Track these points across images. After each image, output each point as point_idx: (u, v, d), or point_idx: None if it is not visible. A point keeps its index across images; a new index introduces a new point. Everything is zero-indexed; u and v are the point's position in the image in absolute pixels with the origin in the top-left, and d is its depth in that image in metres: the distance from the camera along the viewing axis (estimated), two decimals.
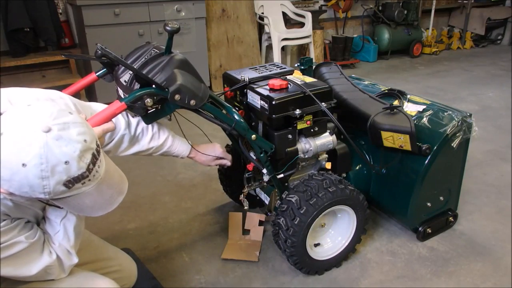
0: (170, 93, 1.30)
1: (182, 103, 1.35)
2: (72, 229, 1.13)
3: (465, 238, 2.11)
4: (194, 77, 1.40)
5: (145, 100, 1.25)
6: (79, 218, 1.14)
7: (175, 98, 1.32)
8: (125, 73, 1.41)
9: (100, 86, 3.89)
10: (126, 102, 1.22)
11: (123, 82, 1.38)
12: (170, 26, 1.31)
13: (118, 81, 1.42)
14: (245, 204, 1.95)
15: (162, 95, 1.30)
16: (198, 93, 1.38)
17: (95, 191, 0.94)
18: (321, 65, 2.30)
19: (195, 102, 1.38)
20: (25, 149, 0.82)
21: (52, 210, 1.12)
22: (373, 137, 1.85)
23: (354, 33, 6.22)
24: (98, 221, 2.29)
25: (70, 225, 1.12)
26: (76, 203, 0.95)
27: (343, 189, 1.73)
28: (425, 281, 1.83)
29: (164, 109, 1.41)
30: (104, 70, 1.52)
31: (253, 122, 1.83)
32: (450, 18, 7.18)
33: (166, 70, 1.34)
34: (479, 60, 6.04)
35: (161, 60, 1.37)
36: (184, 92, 1.33)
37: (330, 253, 1.87)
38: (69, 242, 1.13)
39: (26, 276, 1.07)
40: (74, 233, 1.14)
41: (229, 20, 4.77)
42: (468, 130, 1.90)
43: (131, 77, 1.35)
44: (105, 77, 1.54)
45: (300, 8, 5.43)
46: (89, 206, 0.99)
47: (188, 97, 1.35)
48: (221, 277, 1.88)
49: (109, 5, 3.70)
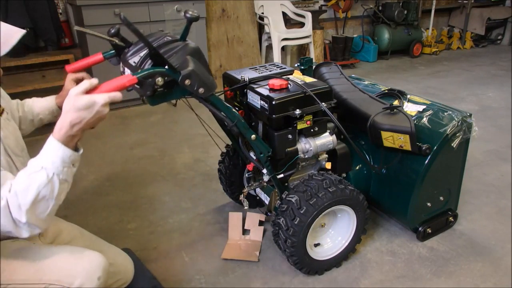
0: (182, 77, 1.32)
1: (191, 89, 1.37)
2: (36, 186, 1.04)
3: (465, 238, 2.11)
4: (204, 68, 1.42)
5: (156, 79, 1.26)
6: (50, 183, 1.06)
7: (186, 82, 1.34)
8: (135, 55, 1.41)
9: None
10: (138, 76, 1.23)
11: (132, 63, 1.39)
12: (189, 14, 1.34)
13: (126, 63, 1.42)
14: (245, 204, 1.95)
15: (174, 77, 1.31)
16: (207, 83, 1.40)
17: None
18: (321, 65, 2.30)
19: (204, 91, 1.39)
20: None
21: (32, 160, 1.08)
22: (373, 137, 1.85)
23: (354, 33, 6.22)
24: (98, 221, 2.29)
25: (36, 182, 1.05)
26: None
27: (343, 189, 1.73)
28: (425, 281, 1.83)
29: (171, 93, 1.41)
30: (112, 52, 1.52)
31: (253, 122, 1.83)
32: (450, 18, 7.19)
33: (180, 55, 1.36)
34: (479, 60, 6.05)
35: (176, 45, 1.39)
36: (195, 78, 1.35)
37: (330, 253, 1.87)
38: (25, 198, 1.04)
39: None
40: (35, 192, 1.04)
41: (229, 20, 4.77)
42: (468, 130, 1.90)
43: (141, 59, 1.35)
44: (111, 59, 1.54)
45: (300, 8, 5.43)
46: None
47: (198, 85, 1.37)
48: (221, 277, 1.88)
49: (109, 5, 3.70)
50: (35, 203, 1.05)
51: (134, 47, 1.43)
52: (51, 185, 1.06)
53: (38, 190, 1.04)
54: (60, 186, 1.08)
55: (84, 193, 2.59)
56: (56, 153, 1.06)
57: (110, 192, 2.59)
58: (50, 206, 1.09)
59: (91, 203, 2.46)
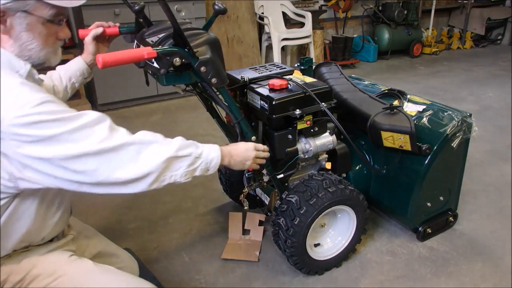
0: (199, 62, 1.33)
1: (205, 76, 1.37)
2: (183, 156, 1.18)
3: (465, 238, 2.11)
4: (220, 60, 1.44)
5: (174, 58, 1.26)
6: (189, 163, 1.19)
7: (201, 69, 1.35)
8: (154, 35, 1.43)
9: (100, 85, 3.90)
10: (159, 51, 1.23)
11: (150, 42, 1.41)
12: (217, 6, 1.39)
13: (142, 41, 1.44)
14: (245, 204, 1.95)
15: (191, 61, 1.32)
16: (221, 74, 1.42)
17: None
18: (321, 65, 2.30)
19: (216, 81, 1.41)
20: None
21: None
22: (373, 137, 1.85)
23: (354, 33, 6.22)
24: (98, 221, 2.29)
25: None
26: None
27: (343, 189, 1.73)
28: (425, 281, 1.83)
29: (184, 77, 1.42)
30: (129, 27, 1.55)
31: (253, 122, 1.83)
32: (450, 18, 7.18)
33: (200, 42, 1.38)
34: (479, 60, 6.05)
35: (198, 33, 1.41)
36: (211, 67, 1.37)
37: (330, 253, 1.87)
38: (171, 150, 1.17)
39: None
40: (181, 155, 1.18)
41: (229, 20, 4.77)
42: (468, 130, 1.90)
43: (160, 39, 1.36)
44: (125, 35, 1.57)
45: (300, 8, 5.43)
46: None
47: (212, 74, 1.38)
48: (221, 277, 1.88)
49: (109, 5, 3.70)
50: (169, 161, 1.14)
51: (154, 27, 1.46)
52: (184, 163, 1.18)
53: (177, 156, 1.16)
54: (178, 171, 1.17)
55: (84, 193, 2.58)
56: (215, 153, 1.28)
57: None
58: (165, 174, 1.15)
59: (91, 203, 2.46)
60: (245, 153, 1.44)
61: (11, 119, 0.92)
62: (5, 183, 1.00)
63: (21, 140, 0.94)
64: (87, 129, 1.01)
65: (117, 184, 1.07)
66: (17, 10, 1.02)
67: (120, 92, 4.00)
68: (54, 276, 1.16)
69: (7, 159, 0.96)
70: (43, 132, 0.95)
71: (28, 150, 0.95)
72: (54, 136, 0.96)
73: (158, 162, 1.10)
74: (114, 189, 1.08)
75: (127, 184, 1.08)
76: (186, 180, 1.20)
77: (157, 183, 1.13)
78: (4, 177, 0.99)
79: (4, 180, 0.99)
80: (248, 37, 4.93)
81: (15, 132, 0.93)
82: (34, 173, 0.99)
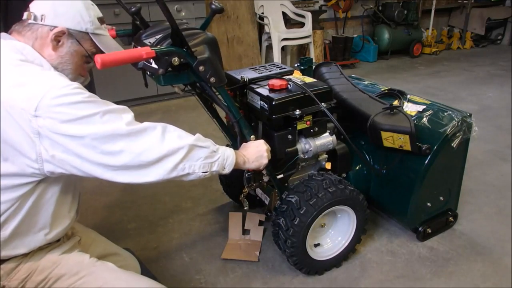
0: (197, 62, 1.34)
1: (203, 76, 1.38)
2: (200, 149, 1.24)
3: (465, 238, 2.11)
4: (218, 60, 1.44)
5: (172, 58, 1.28)
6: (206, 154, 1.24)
7: (200, 68, 1.36)
8: (151, 36, 1.44)
9: (100, 85, 3.89)
10: (157, 51, 1.24)
11: (148, 43, 1.41)
12: (214, 5, 1.41)
13: (140, 43, 1.44)
14: (245, 204, 1.94)
15: (189, 60, 1.33)
16: (219, 74, 1.43)
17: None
18: (321, 65, 2.30)
19: (215, 80, 1.42)
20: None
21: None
22: (373, 137, 1.85)
23: (354, 33, 6.22)
24: (98, 221, 2.29)
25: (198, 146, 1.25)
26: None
27: (343, 189, 1.73)
28: (425, 281, 1.83)
29: (182, 76, 1.43)
30: (127, 30, 1.56)
31: (253, 122, 1.83)
32: (450, 18, 7.19)
33: (198, 42, 1.39)
34: (479, 60, 6.05)
35: (195, 32, 1.42)
36: (209, 66, 1.37)
37: (330, 253, 1.87)
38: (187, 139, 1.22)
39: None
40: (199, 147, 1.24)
41: (229, 20, 4.77)
42: (468, 130, 1.90)
43: (158, 40, 1.37)
44: (123, 37, 1.58)
45: (300, 8, 5.43)
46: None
47: (211, 73, 1.39)
48: (221, 277, 1.88)
49: (109, 5, 3.69)
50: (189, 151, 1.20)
51: (151, 29, 1.46)
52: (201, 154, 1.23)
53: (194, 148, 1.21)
54: (193, 162, 1.21)
55: (84, 193, 2.59)
56: (230, 152, 1.33)
57: (110, 192, 2.59)
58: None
59: (91, 203, 2.46)
60: (257, 149, 1.48)
61: (52, 98, 1.00)
62: (31, 164, 1.05)
63: (58, 118, 1.01)
64: (116, 114, 1.10)
65: (140, 168, 1.11)
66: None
67: (120, 92, 4.00)
68: (79, 275, 1.21)
69: (39, 137, 1.02)
70: (80, 112, 1.03)
71: (63, 128, 1.02)
72: (88, 116, 1.04)
73: (181, 144, 1.17)
74: (135, 175, 1.12)
75: (149, 167, 1.12)
76: (204, 174, 1.23)
77: (176, 172, 1.17)
78: (31, 157, 1.04)
79: (30, 161, 1.04)
80: (248, 37, 4.94)
81: (54, 111, 1.01)
82: (63, 153, 1.04)
